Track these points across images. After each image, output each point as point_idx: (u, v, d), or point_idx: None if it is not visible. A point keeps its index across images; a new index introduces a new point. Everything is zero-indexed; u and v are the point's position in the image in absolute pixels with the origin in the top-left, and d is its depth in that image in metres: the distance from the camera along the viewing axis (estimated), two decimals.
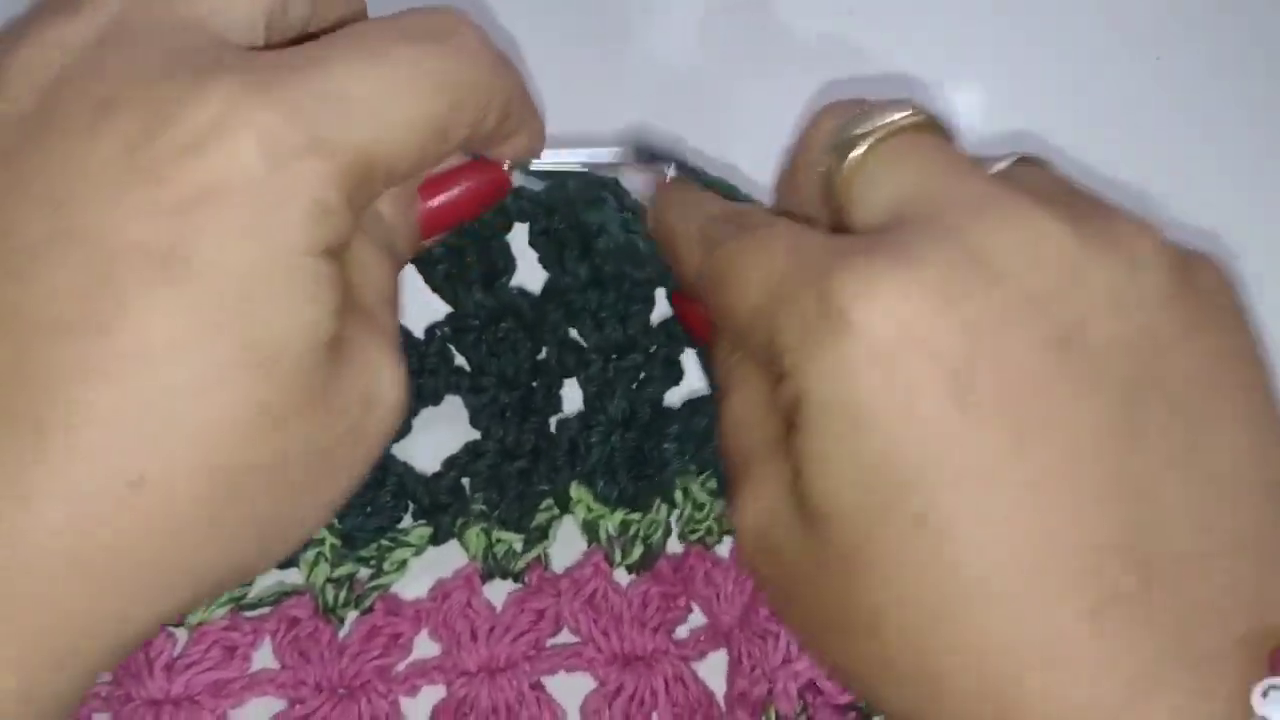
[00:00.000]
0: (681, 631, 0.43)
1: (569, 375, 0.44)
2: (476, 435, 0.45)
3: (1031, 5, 0.57)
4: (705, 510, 0.43)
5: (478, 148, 0.36)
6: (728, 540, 0.43)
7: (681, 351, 0.44)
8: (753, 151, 0.50)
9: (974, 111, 0.53)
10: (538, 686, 0.42)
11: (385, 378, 0.31)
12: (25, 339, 0.26)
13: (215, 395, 0.26)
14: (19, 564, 0.26)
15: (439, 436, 0.45)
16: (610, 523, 0.43)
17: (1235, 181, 0.52)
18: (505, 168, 0.38)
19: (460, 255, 0.42)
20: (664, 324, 0.44)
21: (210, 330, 0.26)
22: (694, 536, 0.43)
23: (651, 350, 0.43)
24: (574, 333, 0.44)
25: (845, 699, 0.38)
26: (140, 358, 0.26)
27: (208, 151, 0.26)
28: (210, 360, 0.26)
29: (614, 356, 0.43)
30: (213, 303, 0.26)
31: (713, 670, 0.43)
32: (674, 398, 0.45)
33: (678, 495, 0.43)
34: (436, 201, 0.35)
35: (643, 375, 0.43)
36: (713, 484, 0.43)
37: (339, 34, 0.31)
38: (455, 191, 0.36)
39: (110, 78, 0.27)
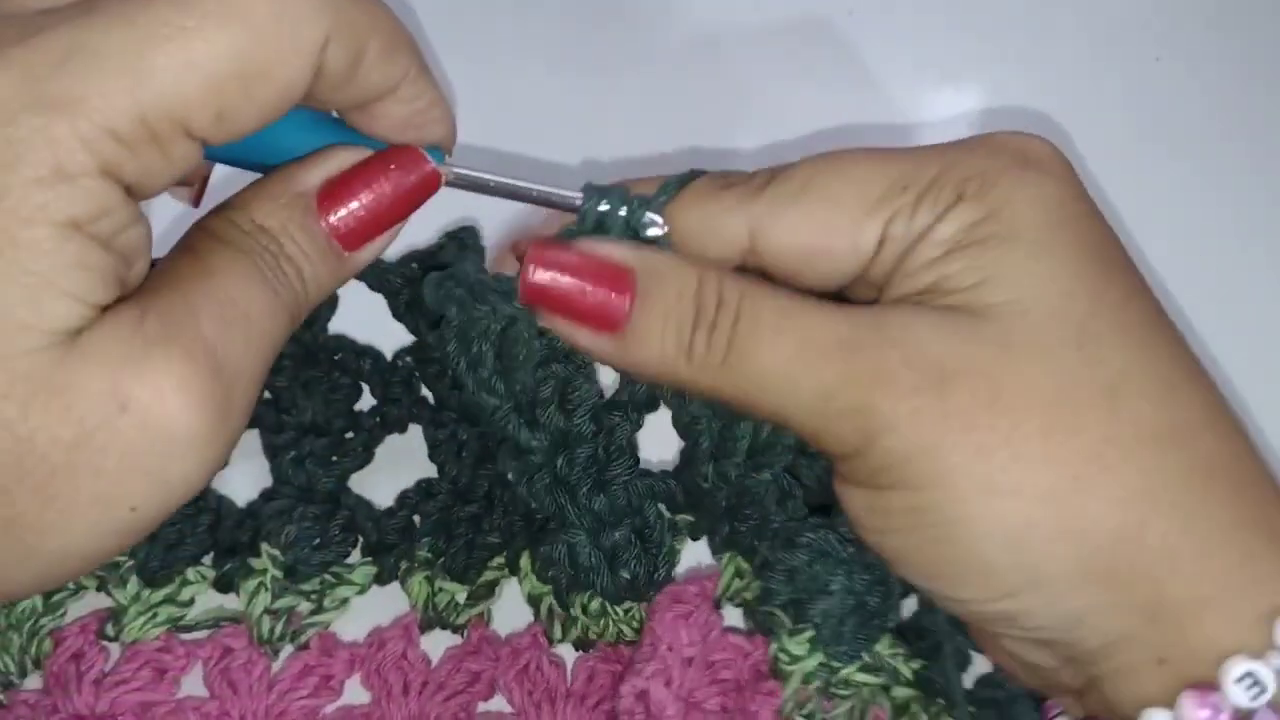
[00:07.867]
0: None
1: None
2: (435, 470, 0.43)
3: (1031, 7, 0.54)
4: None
5: (347, 105, 0.31)
6: None
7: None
8: (754, 147, 0.50)
9: (973, 112, 0.52)
10: None
11: (161, 387, 0.27)
12: None
13: None
14: None
15: (400, 467, 0.43)
16: (553, 601, 0.41)
17: (1236, 180, 0.52)
18: (435, 167, 0.32)
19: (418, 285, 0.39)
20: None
21: None
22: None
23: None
24: None
25: None
26: None
27: None
28: None
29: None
30: None
31: None
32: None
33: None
34: (337, 217, 0.31)
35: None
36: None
37: None
38: (363, 201, 0.31)
39: None
